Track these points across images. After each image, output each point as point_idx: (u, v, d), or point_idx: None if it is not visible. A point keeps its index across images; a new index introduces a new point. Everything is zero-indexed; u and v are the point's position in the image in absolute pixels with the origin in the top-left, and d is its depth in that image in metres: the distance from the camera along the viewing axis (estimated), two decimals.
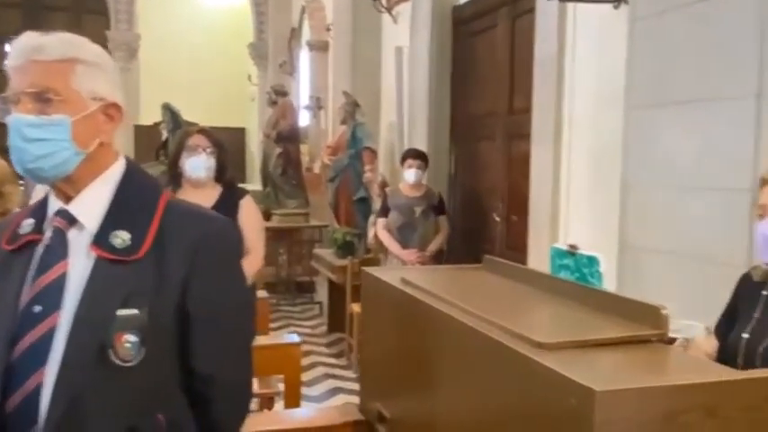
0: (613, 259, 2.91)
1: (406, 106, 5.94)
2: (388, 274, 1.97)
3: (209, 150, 3.04)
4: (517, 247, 4.39)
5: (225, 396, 1.25)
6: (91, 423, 1.11)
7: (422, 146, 5.49)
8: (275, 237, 7.55)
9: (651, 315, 1.33)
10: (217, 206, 2.99)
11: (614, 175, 2.96)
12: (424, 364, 1.66)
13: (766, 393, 1.09)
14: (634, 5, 2.78)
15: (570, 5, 3.56)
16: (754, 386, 1.09)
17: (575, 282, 1.61)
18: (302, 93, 9.74)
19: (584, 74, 3.55)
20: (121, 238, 1.16)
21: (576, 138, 3.62)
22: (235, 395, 1.28)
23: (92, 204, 1.19)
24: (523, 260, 4.06)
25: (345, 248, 5.84)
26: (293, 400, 2.77)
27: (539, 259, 3.95)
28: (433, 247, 4.88)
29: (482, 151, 5.19)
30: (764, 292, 1.88)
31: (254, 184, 9.79)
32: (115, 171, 1.23)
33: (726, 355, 1.90)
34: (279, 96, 7.27)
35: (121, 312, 1.11)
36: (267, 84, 9.27)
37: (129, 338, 1.11)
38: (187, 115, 7.51)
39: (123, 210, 1.19)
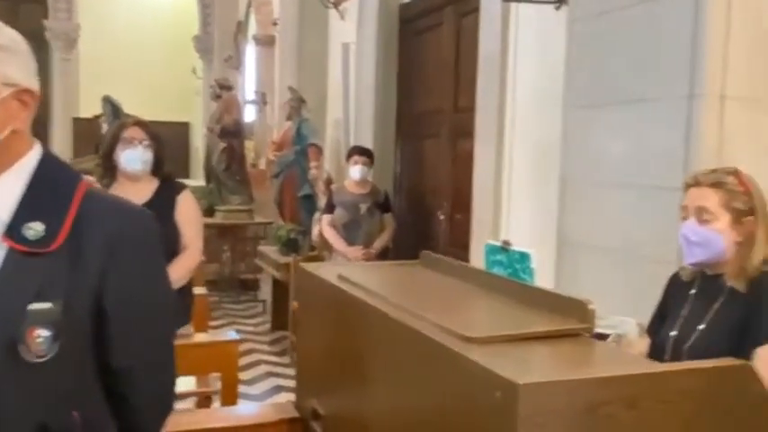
0: (552, 256, 2.96)
1: (352, 103, 5.92)
2: (324, 270, 1.95)
3: (145, 143, 2.95)
4: (460, 245, 4.41)
5: (144, 393, 1.21)
6: (0, 421, 1.06)
7: (368, 143, 5.48)
8: (219, 234, 7.44)
9: (578, 310, 1.34)
10: (153, 200, 2.92)
11: (554, 173, 3.01)
12: (357, 361, 1.64)
13: (683, 386, 1.11)
14: (573, 7, 2.82)
15: (513, 6, 3.60)
16: (671, 379, 1.11)
17: (507, 277, 1.62)
18: (248, 87, 9.62)
19: (526, 73, 3.60)
20: (35, 229, 1.10)
21: (518, 136, 3.66)
22: (155, 392, 1.24)
23: (4, 194, 1.13)
24: (466, 257, 4.09)
25: (289, 245, 5.79)
26: (230, 398, 2.72)
27: (480, 256, 3.98)
28: (379, 244, 4.88)
29: (427, 149, 5.21)
30: (692, 292, 1.93)
31: (197, 179, 9.62)
32: (30, 160, 1.17)
33: (655, 353, 1.94)
34: (223, 90, 7.16)
35: (33, 306, 1.06)
36: (212, 78, 9.12)
37: (42, 333, 1.05)
38: (129, 108, 7.32)
39: (37, 200, 1.13)
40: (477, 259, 3.98)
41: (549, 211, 3.11)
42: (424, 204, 5.23)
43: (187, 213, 3.00)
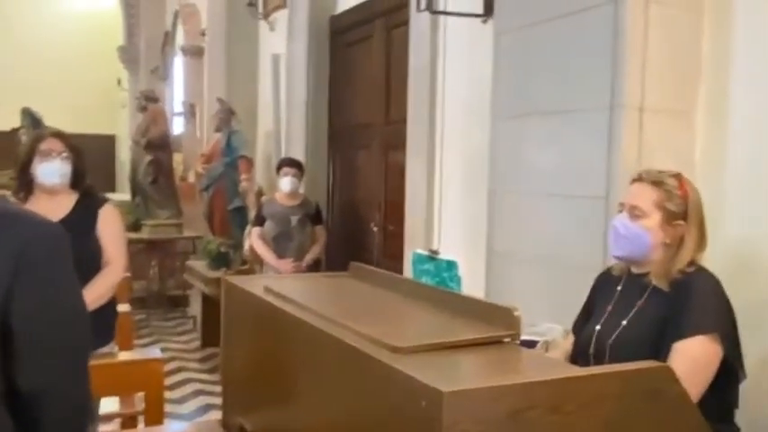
0: (483, 266, 2.99)
1: (283, 115, 5.87)
2: (250, 282, 1.90)
3: (63, 155, 2.83)
4: (394, 256, 4.42)
5: (55, 416, 1.14)
6: None
7: (300, 155, 5.44)
8: (146, 249, 7.22)
9: (505, 317, 1.34)
10: (71, 215, 2.80)
11: (485, 183, 3.04)
12: (284, 375, 1.60)
13: (603, 389, 1.12)
14: (498, 20, 2.87)
15: (441, 19, 3.65)
16: (592, 382, 1.12)
17: (434, 286, 1.62)
18: (176, 99, 9.42)
19: (455, 86, 3.64)
20: None
21: (448, 148, 3.70)
22: (66, 414, 1.17)
23: None
24: (400, 268, 4.09)
25: (220, 260, 5.67)
26: (156, 417, 2.61)
27: None
28: (310, 257, 4.84)
29: (360, 161, 5.21)
30: (618, 288, 1.97)
31: (124, 193, 9.32)
32: None
33: (579, 348, 1.98)
34: (149, 102, 6.98)
35: None
36: (138, 89, 8.88)
37: None
38: (50, 121, 7.02)
39: None
40: (410, 270, 4.00)
41: (479, 222, 3.15)
42: (357, 216, 5.22)
43: (109, 228, 2.89)
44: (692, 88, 2.34)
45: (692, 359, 1.70)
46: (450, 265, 1.57)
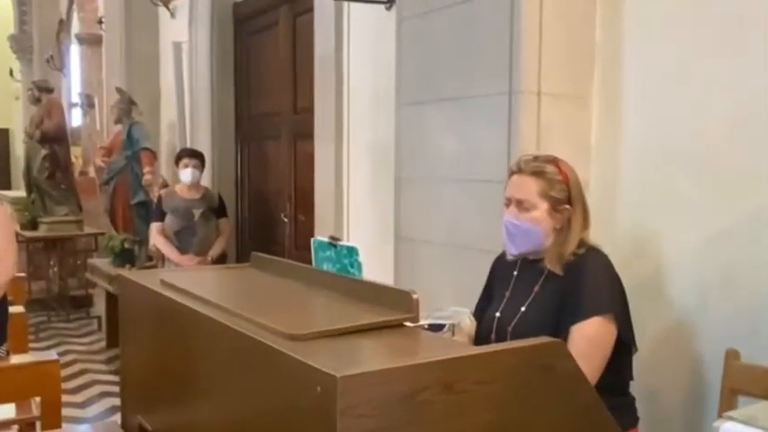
0: (392, 253, 3.00)
1: (187, 105, 5.69)
2: (147, 277, 1.83)
3: None
4: (305, 246, 4.35)
5: None
6: None
7: (205, 146, 5.30)
8: (45, 248, 6.88)
9: (404, 300, 1.35)
10: None
11: (391, 170, 3.05)
12: (183, 370, 1.55)
13: (497, 367, 1.14)
14: (400, 6, 2.87)
15: (346, 5, 3.62)
16: (485, 361, 1.14)
17: (335, 273, 1.60)
18: (74, 90, 8.97)
19: (361, 73, 3.63)
20: None
21: (356, 136, 3.68)
22: None
23: None
24: (310, 258, 4.05)
25: (124, 257, 5.46)
26: (52, 421, 2.47)
27: None
28: (215, 251, 4.71)
29: (269, 151, 5.13)
30: (515, 273, 2.01)
31: (20, 189, 8.82)
32: None
33: (482, 334, 2.02)
34: (42, 93, 6.60)
35: None
36: (32, 80, 8.40)
37: None
38: None
39: None
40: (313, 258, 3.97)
41: (388, 209, 3.15)
42: (267, 207, 5.14)
43: None
44: (588, 74, 2.41)
45: (590, 340, 1.77)
46: (351, 252, 1.56)
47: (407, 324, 1.33)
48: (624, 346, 1.85)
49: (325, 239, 1.61)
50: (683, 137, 2.18)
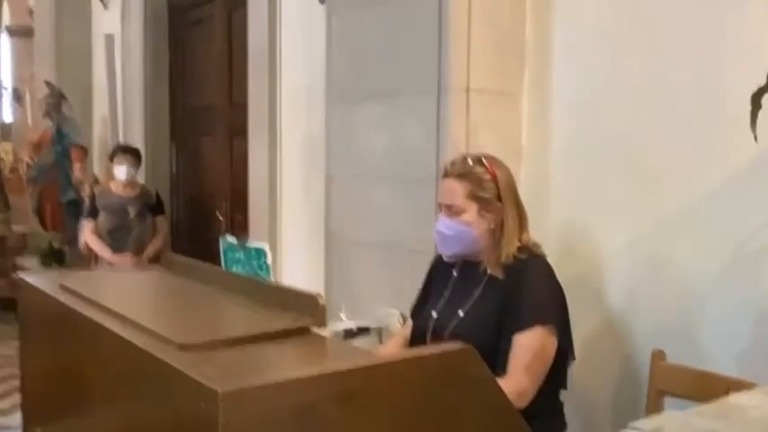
0: (322, 252, 2.92)
1: (120, 99, 5.49)
2: (45, 280, 1.70)
3: None
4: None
5: None
6: None
7: (138, 141, 5.11)
8: None
9: (310, 305, 1.27)
10: None
11: (323, 168, 2.96)
12: (79, 380, 1.45)
13: (401, 377, 1.08)
14: (330, 0, 2.79)
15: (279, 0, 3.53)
16: (389, 371, 1.07)
17: (243, 275, 1.51)
18: (5, 83, 8.60)
19: (294, 68, 3.53)
20: None
21: (289, 133, 3.58)
22: None
23: None
24: None
25: (52, 257, 5.24)
26: None
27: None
28: (151, 250, 4.54)
29: (205, 147, 4.97)
30: (454, 274, 1.95)
31: None
32: None
33: (417, 336, 1.95)
34: None
35: None
36: None
37: None
38: None
39: None
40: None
41: (319, 207, 3.06)
42: (202, 205, 4.98)
43: None
44: (517, 70, 2.37)
45: (532, 351, 1.72)
46: (259, 253, 1.48)
47: (314, 330, 1.25)
48: (561, 356, 1.81)
49: (234, 240, 1.52)
50: (613, 135, 2.16)
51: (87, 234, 4.49)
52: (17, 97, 7.56)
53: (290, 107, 3.55)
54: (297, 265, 3.40)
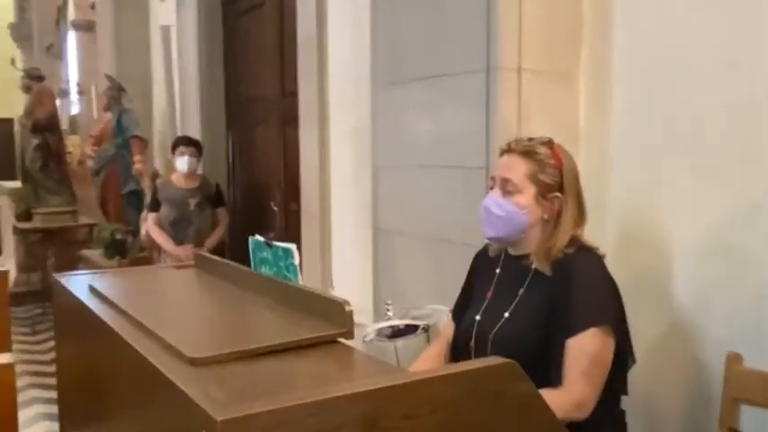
0: (370, 243, 2.81)
1: (177, 90, 5.51)
2: (76, 281, 1.66)
3: None
4: (296, 236, 4.20)
5: None
6: None
7: (195, 133, 5.12)
8: (42, 239, 6.75)
9: (336, 312, 1.16)
10: None
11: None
12: (101, 386, 1.39)
13: (433, 396, 0.95)
14: None
15: None
16: (418, 389, 0.95)
17: (271, 277, 1.42)
18: (72, 77, 8.84)
19: (344, 55, 3.42)
20: None
21: (340, 120, 3.48)
22: None
23: None
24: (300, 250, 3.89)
25: (114, 248, 5.32)
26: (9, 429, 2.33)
27: (311, 249, 3.79)
28: (211, 242, 4.56)
29: (259, 137, 4.94)
30: (497, 272, 1.81)
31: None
32: None
33: (459, 339, 1.82)
34: (34, 81, 6.46)
35: None
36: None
37: None
38: None
39: None
40: (308, 252, 3.78)
41: (369, 199, 2.96)
42: (258, 196, 4.96)
43: None
44: (574, 49, 2.19)
45: (589, 357, 1.56)
46: (287, 254, 1.39)
47: (341, 340, 1.15)
48: (620, 360, 1.64)
49: (261, 239, 1.42)
50: (681, 120, 1.96)
51: (150, 226, 4.54)
52: (81, 91, 7.74)
53: (338, 95, 3.44)
54: (348, 258, 3.31)
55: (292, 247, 1.37)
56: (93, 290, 1.53)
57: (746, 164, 1.80)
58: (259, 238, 1.53)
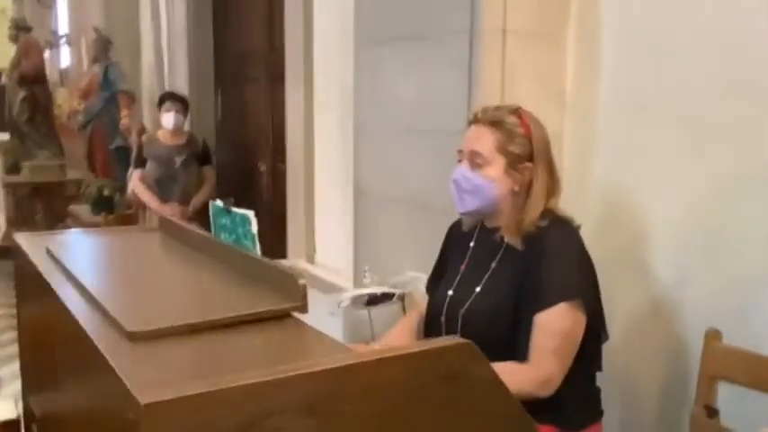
0: (351, 206, 2.75)
1: (165, 45, 5.38)
2: (37, 242, 1.60)
3: None
4: (282, 197, 4.14)
5: None
6: None
7: (184, 89, 5.02)
8: (31, 194, 6.67)
9: (289, 285, 1.11)
10: None
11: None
12: (53, 355, 1.34)
13: (380, 379, 0.90)
14: None
15: None
16: (365, 372, 0.89)
17: (228, 245, 1.36)
18: (62, 29, 8.65)
19: (328, 10, 3.31)
20: None
21: (323, 79, 3.39)
22: None
23: None
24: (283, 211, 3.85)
25: (101, 204, 5.26)
26: None
27: (295, 211, 3.74)
28: (198, 200, 4.49)
29: (248, 94, 4.83)
30: (471, 245, 1.76)
31: None
32: None
33: (432, 312, 1.77)
34: (21, 32, 6.30)
35: None
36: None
37: None
38: None
39: None
40: (293, 213, 3.73)
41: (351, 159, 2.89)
42: (247, 155, 4.88)
43: None
44: (561, 8, 2.09)
45: (557, 332, 1.52)
46: (244, 220, 1.33)
47: (294, 314, 1.09)
48: (593, 335, 1.60)
49: (221, 204, 1.36)
50: (672, 87, 1.87)
51: (135, 183, 4.48)
52: (70, 42, 7.57)
53: (323, 52, 3.35)
54: (331, 220, 3.26)
55: (250, 214, 1.31)
56: (48, 252, 1.47)
57: (734, 141, 1.73)
58: (219, 203, 1.46)
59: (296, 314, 1.10)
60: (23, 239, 1.66)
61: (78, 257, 1.44)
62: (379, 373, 0.92)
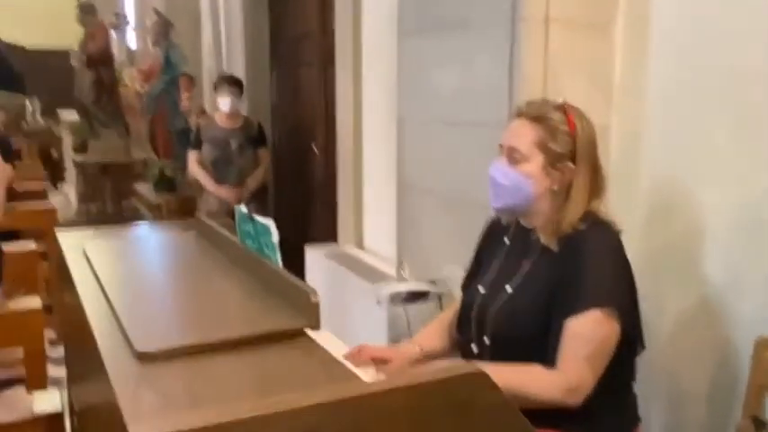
0: (394, 197, 2.73)
1: (223, 27, 5.43)
2: (72, 238, 1.64)
3: None
4: (335, 180, 4.14)
5: None
6: None
7: (240, 71, 5.06)
8: (99, 172, 6.93)
9: (303, 301, 1.10)
10: None
11: None
12: (81, 353, 1.38)
13: (386, 409, 0.88)
14: None
15: None
16: (368, 404, 0.87)
17: (252, 253, 1.36)
18: (129, 10, 8.86)
19: None
20: None
21: (372, 65, 3.34)
22: None
23: None
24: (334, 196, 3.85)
25: (163, 184, 5.39)
26: (36, 374, 2.40)
27: (345, 196, 3.73)
28: (253, 183, 4.54)
29: (302, 77, 4.83)
30: (507, 241, 1.70)
31: None
32: None
33: (464, 311, 1.73)
34: (86, 15, 6.48)
35: None
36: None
37: None
38: (4, 34, 6.59)
39: None
40: (343, 199, 3.72)
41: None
42: (301, 137, 4.89)
43: None
44: None
45: (588, 339, 1.45)
46: (265, 230, 1.32)
47: (307, 332, 1.08)
48: (627, 344, 1.53)
49: (245, 211, 1.36)
50: (726, 76, 1.75)
51: (192, 165, 4.56)
52: (124, 23, 7.74)
53: (372, 38, 3.29)
54: (378, 208, 3.23)
55: (270, 223, 1.30)
56: (84, 254, 1.51)
57: None
58: (243, 208, 1.46)
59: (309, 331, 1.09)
60: (64, 237, 1.71)
61: (111, 260, 1.46)
62: (388, 403, 0.89)
